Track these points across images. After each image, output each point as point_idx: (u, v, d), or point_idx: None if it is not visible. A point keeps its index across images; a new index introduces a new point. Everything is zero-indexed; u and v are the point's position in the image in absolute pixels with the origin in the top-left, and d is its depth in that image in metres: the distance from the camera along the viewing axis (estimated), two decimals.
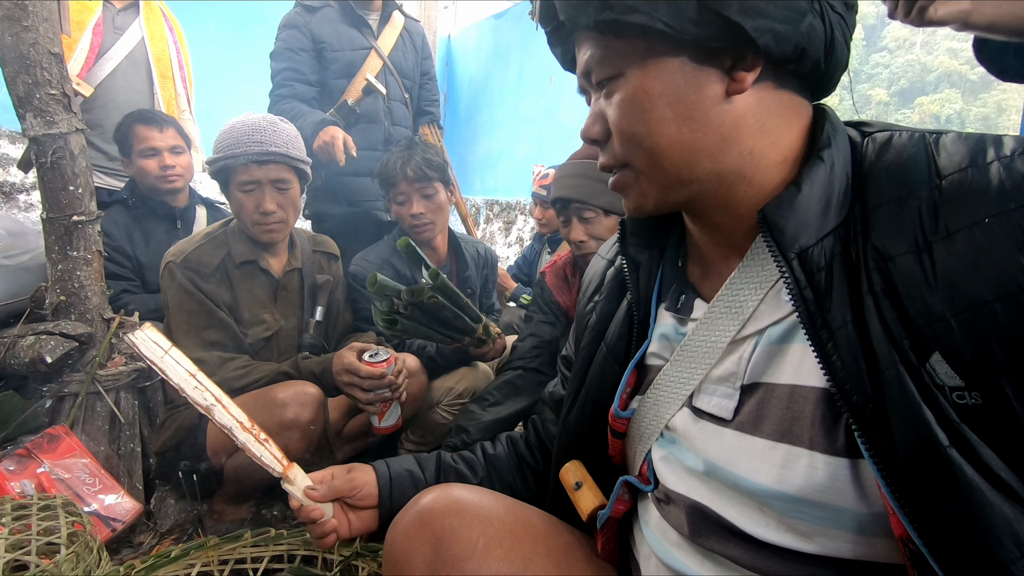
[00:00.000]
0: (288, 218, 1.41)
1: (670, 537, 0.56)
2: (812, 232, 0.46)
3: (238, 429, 0.74)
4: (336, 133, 1.83)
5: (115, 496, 1.28)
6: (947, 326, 0.39)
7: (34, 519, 0.92)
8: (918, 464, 0.39)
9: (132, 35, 2.14)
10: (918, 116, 2.37)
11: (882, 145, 0.48)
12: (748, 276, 0.51)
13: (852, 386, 0.42)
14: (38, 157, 1.35)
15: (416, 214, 1.63)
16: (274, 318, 1.45)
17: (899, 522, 0.40)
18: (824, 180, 0.46)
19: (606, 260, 0.74)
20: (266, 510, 1.41)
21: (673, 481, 0.56)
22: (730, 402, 0.51)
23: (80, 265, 1.43)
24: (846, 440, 0.43)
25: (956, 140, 0.44)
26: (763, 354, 0.50)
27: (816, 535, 0.45)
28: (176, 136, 1.89)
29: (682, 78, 0.47)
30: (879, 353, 0.41)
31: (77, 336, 1.39)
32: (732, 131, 0.48)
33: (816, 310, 0.44)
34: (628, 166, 0.53)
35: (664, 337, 0.60)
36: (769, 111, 0.48)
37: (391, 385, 1.28)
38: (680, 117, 0.48)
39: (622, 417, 0.61)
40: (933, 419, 0.38)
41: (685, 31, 0.44)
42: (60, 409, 1.41)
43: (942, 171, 0.42)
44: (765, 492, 0.47)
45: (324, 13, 2.01)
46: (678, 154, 0.49)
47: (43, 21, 1.31)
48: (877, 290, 0.42)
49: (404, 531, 0.61)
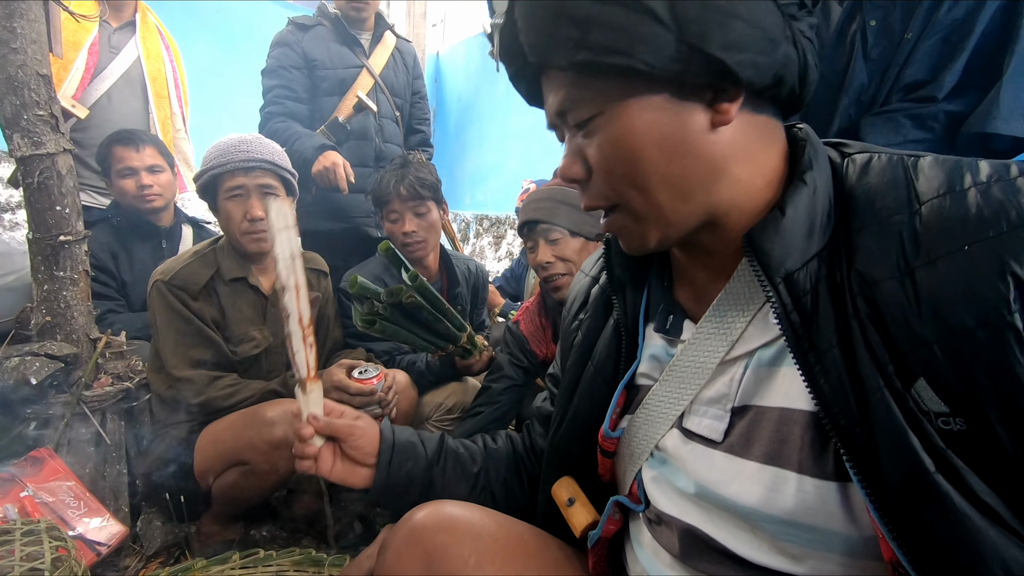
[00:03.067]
0: None
1: (663, 558, 0.56)
2: (797, 256, 0.46)
3: (295, 319, 0.70)
4: (337, 159, 1.84)
5: (100, 519, 1.26)
6: (931, 352, 0.39)
7: (17, 544, 0.90)
8: (906, 489, 0.39)
9: (128, 54, 2.14)
10: None
11: (862, 167, 0.48)
12: (735, 298, 0.52)
13: (839, 410, 0.42)
14: (25, 177, 1.35)
15: (408, 232, 1.64)
16: (263, 335, 1.44)
17: (888, 546, 0.40)
18: (807, 203, 0.47)
19: (590, 277, 0.74)
20: (255, 531, 1.39)
21: (664, 503, 0.56)
22: (720, 424, 0.51)
23: (66, 285, 1.42)
24: (835, 464, 0.44)
25: (933, 164, 0.45)
26: (753, 376, 0.50)
27: (807, 558, 0.45)
28: (155, 155, 1.88)
29: (666, 115, 0.46)
30: (865, 377, 0.41)
31: (63, 357, 1.38)
32: (721, 161, 0.48)
33: (803, 334, 0.45)
34: (619, 207, 0.51)
35: (654, 358, 0.60)
36: (751, 137, 0.49)
37: (381, 401, 1.27)
38: (669, 153, 0.47)
39: (612, 437, 0.61)
40: (919, 445, 0.39)
41: (666, 69, 0.44)
42: (45, 431, 1.39)
43: (921, 196, 0.43)
44: (755, 514, 0.47)
45: (316, 31, 2.04)
46: (672, 190, 0.48)
47: (31, 43, 1.31)
48: (862, 315, 0.42)
49: (396, 549, 0.61)
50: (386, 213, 1.67)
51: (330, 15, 2.06)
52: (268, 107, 2.00)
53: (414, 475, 0.75)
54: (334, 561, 1.01)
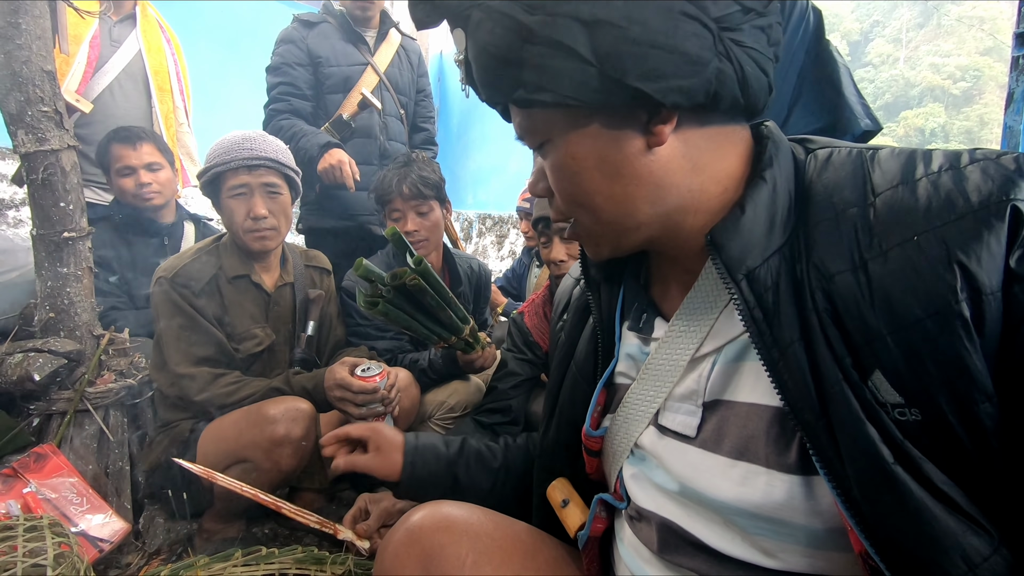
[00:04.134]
0: (280, 226, 1.41)
1: (642, 554, 0.57)
2: (758, 252, 0.46)
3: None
4: (343, 157, 1.84)
5: (103, 516, 1.26)
6: (884, 344, 0.39)
7: (20, 540, 0.90)
8: (867, 481, 0.39)
9: (129, 48, 2.14)
10: (903, 130, 2.43)
11: (823, 162, 0.49)
12: (702, 296, 0.52)
13: (803, 404, 0.42)
14: (29, 174, 1.35)
15: (410, 231, 1.63)
16: (266, 333, 1.44)
17: (858, 538, 0.40)
18: (767, 200, 0.47)
19: (572, 279, 0.76)
20: (257, 528, 1.39)
21: (643, 498, 0.57)
22: (693, 419, 0.52)
23: (70, 282, 1.43)
24: (799, 458, 0.44)
25: (890, 156, 0.45)
26: (721, 372, 0.50)
27: (778, 551, 0.46)
28: (153, 152, 1.87)
29: (602, 141, 0.48)
30: (824, 371, 0.42)
31: (66, 353, 1.38)
32: (664, 177, 0.48)
33: (766, 329, 0.45)
34: (574, 222, 0.55)
35: (630, 356, 0.61)
36: (699, 149, 0.48)
37: (384, 399, 1.27)
38: (609, 176, 0.49)
39: (594, 436, 0.62)
40: (877, 436, 0.39)
41: (593, 100, 0.45)
42: (48, 427, 1.39)
43: (876, 188, 0.43)
44: (727, 508, 0.48)
45: (322, 29, 2.03)
46: (616, 208, 0.50)
47: (36, 39, 1.31)
48: (820, 308, 0.43)
49: (394, 549, 0.61)
50: (388, 211, 1.67)
51: (335, 12, 2.06)
52: (272, 104, 2.00)
53: (437, 472, 0.79)
54: (336, 559, 1.01)
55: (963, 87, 5.77)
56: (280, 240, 1.46)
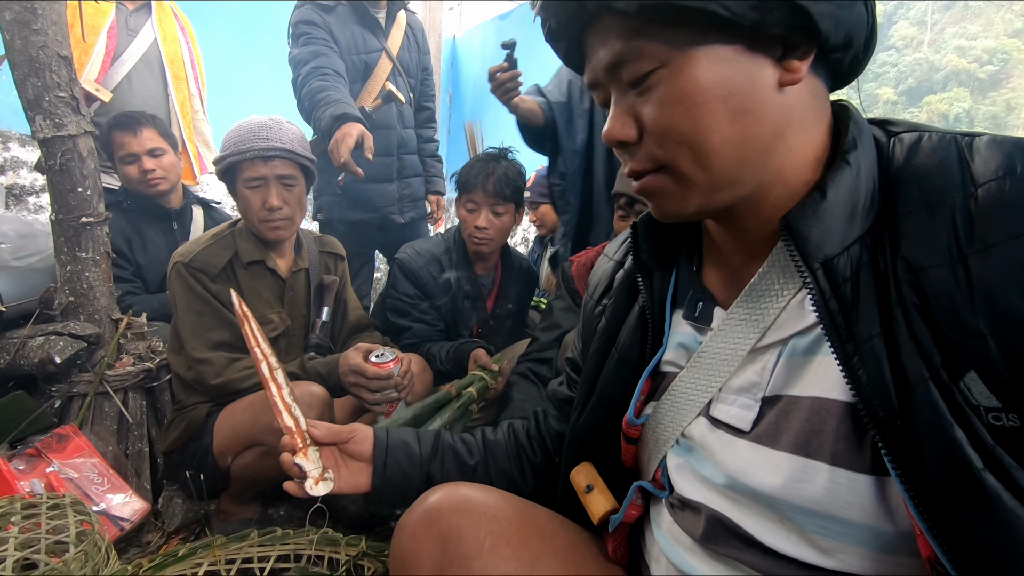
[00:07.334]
0: (294, 215, 1.42)
1: (682, 541, 0.56)
2: (837, 241, 0.44)
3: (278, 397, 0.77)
4: (350, 130, 1.60)
5: (123, 496, 1.29)
6: (983, 343, 0.37)
7: (43, 518, 0.92)
8: (949, 486, 0.37)
9: (145, 36, 2.15)
10: (926, 115, 2.35)
11: (911, 147, 0.45)
12: (769, 283, 0.49)
13: (878, 403, 0.40)
14: (47, 159, 1.37)
15: (480, 227, 1.64)
16: (281, 318, 1.45)
17: (927, 543, 0.38)
18: (850, 185, 0.44)
19: (614, 262, 0.72)
20: (272, 510, 1.42)
21: (688, 490, 0.55)
22: (749, 413, 0.49)
23: (88, 266, 1.44)
24: (872, 457, 0.42)
25: (991, 145, 0.42)
26: (787, 365, 0.48)
27: (838, 551, 0.44)
28: (155, 137, 1.86)
29: (735, 68, 0.43)
30: (908, 369, 0.39)
31: (86, 336, 1.40)
32: (783, 125, 0.45)
33: (842, 322, 0.42)
34: (666, 168, 0.48)
35: (681, 345, 0.58)
36: (808, 105, 0.46)
37: (397, 385, 1.28)
38: (734, 111, 0.44)
39: (636, 424, 0.60)
40: (966, 440, 0.37)
41: (745, 15, 0.41)
42: (69, 409, 1.42)
43: (977, 178, 0.40)
44: (782, 504, 0.46)
45: (338, 12, 1.96)
46: (729, 153, 0.45)
47: (52, 24, 1.32)
48: (907, 303, 0.40)
49: (411, 530, 0.61)
50: (464, 199, 1.67)
51: None
52: (308, 63, 1.81)
53: (409, 473, 0.76)
54: (350, 541, 1.02)
55: (990, 70, 5.58)
56: (294, 229, 1.46)
